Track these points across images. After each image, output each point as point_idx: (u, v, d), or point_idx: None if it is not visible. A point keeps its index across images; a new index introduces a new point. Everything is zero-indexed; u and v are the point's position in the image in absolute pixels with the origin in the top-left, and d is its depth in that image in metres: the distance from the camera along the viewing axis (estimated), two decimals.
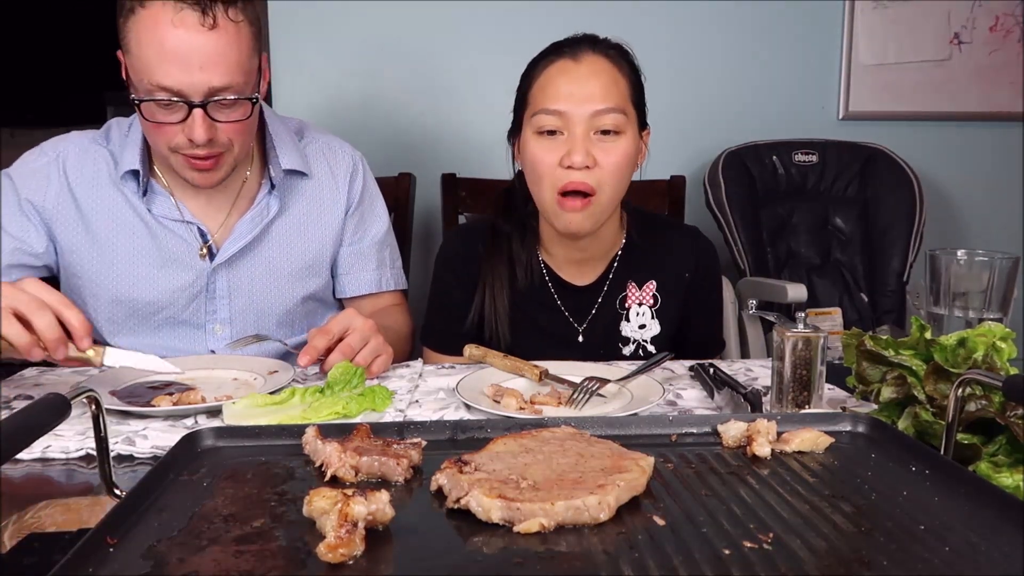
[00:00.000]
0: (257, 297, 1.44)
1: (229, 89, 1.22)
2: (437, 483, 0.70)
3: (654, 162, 1.53)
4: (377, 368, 1.23)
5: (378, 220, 1.56)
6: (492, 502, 0.64)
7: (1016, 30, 2.53)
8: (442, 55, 2.39)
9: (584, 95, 1.27)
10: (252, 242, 1.42)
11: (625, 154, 1.30)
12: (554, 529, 0.63)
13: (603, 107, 1.27)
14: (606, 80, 1.29)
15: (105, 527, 0.61)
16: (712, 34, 2.46)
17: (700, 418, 0.88)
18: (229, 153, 1.29)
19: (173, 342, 1.43)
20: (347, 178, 1.50)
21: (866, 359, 0.97)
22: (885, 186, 2.35)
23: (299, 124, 1.53)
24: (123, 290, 1.39)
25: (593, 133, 1.28)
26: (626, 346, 1.45)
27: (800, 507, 0.68)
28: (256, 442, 0.82)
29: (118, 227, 1.38)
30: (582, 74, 1.29)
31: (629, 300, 1.44)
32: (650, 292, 1.44)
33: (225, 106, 1.23)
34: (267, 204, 1.43)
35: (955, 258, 1.16)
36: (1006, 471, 0.79)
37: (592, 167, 1.28)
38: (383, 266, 1.56)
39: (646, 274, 1.45)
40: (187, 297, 1.41)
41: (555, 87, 1.29)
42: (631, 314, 1.43)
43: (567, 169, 1.28)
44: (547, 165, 1.30)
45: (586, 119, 1.27)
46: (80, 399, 0.69)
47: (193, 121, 1.21)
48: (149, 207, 1.38)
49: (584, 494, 0.65)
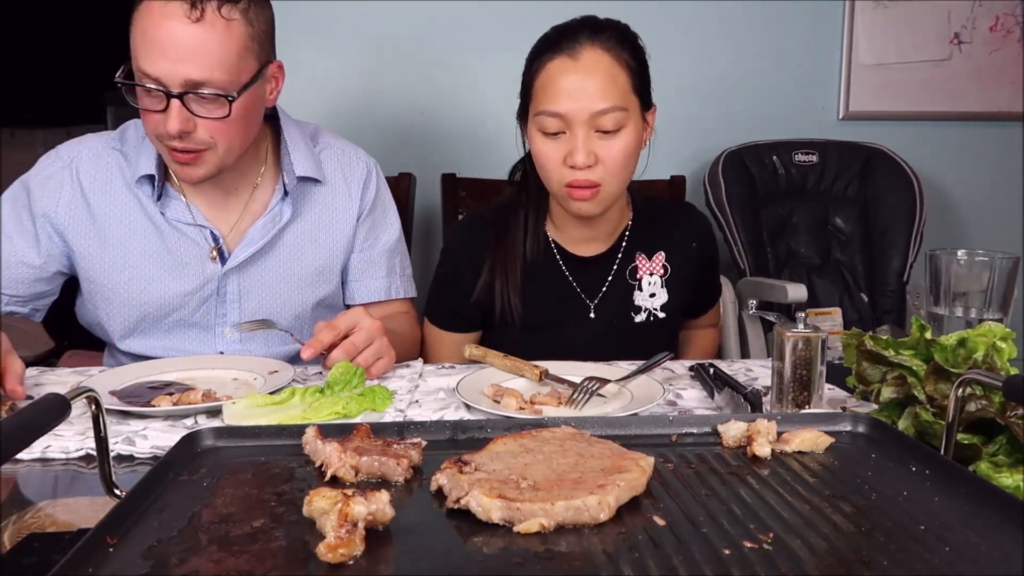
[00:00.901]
0: (267, 301, 1.43)
1: (207, 84, 1.21)
2: (437, 483, 0.70)
3: (654, 162, 1.53)
4: (377, 371, 1.23)
5: (390, 228, 1.56)
6: (492, 502, 0.64)
7: (1016, 30, 2.53)
8: (442, 55, 2.39)
9: (583, 95, 1.28)
10: (264, 247, 1.41)
11: (627, 147, 1.32)
12: (554, 529, 0.63)
13: (602, 107, 1.28)
14: (604, 78, 1.29)
15: (105, 527, 0.61)
16: (712, 34, 2.46)
17: (700, 418, 0.88)
18: (212, 152, 1.27)
19: (182, 344, 1.43)
20: (360, 185, 1.50)
21: (866, 359, 0.97)
22: (885, 186, 2.35)
23: (315, 129, 1.52)
24: (134, 293, 1.39)
25: (594, 131, 1.30)
26: (638, 315, 1.47)
27: (800, 507, 0.68)
28: (256, 442, 0.82)
29: (130, 231, 1.38)
30: (581, 73, 1.29)
31: (640, 271, 1.47)
32: (660, 262, 1.48)
33: (204, 101, 1.23)
34: (280, 211, 1.42)
35: (955, 258, 1.15)
36: (1006, 471, 0.79)
37: (595, 165, 1.30)
38: (393, 274, 1.56)
39: (655, 246, 1.49)
40: (198, 300, 1.41)
41: (555, 88, 1.30)
42: (643, 283, 1.47)
43: (571, 168, 1.30)
44: (553, 162, 1.33)
45: (586, 120, 1.28)
46: (80, 399, 0.69)
47: (169, 111, 1.22)
48: (163, 211, 1.38)
49: (584, 494, 0.65)
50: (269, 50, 1.32)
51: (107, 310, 1.41)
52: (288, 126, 1.44)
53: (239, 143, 1.30)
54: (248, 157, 1.39)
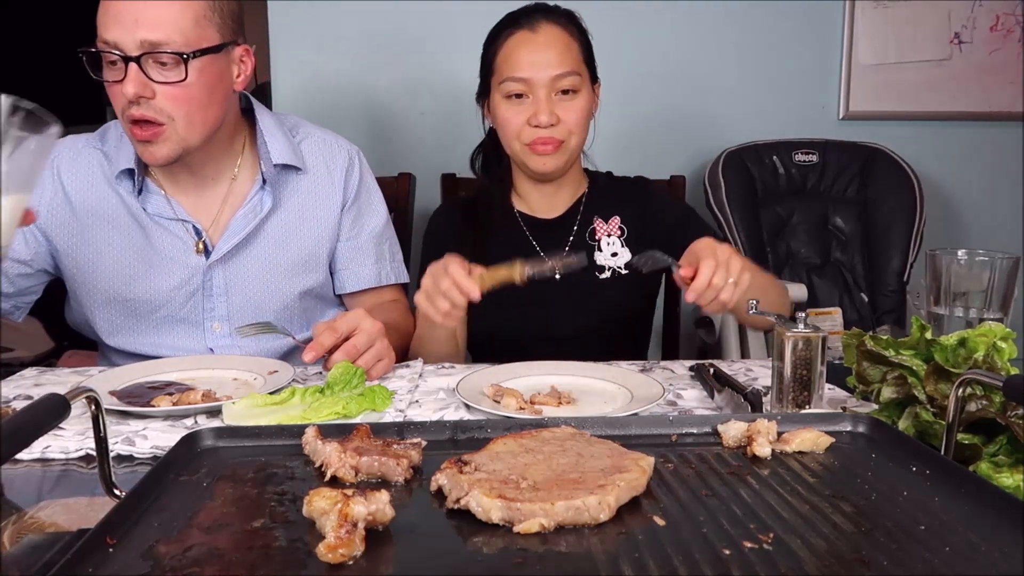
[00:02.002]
0: (254, 293, 1.44)
1: (163, 45, 1.23)
2: (437, 483, 0.70)
3: (654, 162, 1.53)
4: (377, 372, 1.23)
5: (376, 214, 1.56)
6: (492, 502, 0.64)
7: (1016, 30, 2.53)
8: (442, 55, 2.39)
9: (544, 62, 1.44)
10: (247, 238, 1.42)
11: (583, 108, 1.48)
12: (554, 529, 0.63)
13: (561, 71, 1.44)
14: (561, 47, 1.46)
15: (105, 527, 0.61)
16: (712, 34, 2.46)
17: (700, 418, 0.88)
18: (171, 127, 1.27)
19: (172, 340, 1.43)
20: (343, 173, 1.51)
21: (866, 359, 0.97)
22: (885, 186, 2.35)
23: (295, 121, 1.53)
24: (119, 289, 1.40)
25: (554, 94, 1.45)
26: (602, 273, 1.57)
27: (800, 507, 0.68)
28: (256, 442, 0.82)
29: (112, 227, 1.39)
30: (540, 43, 1.45)
31: (598, 233, 1.59)
32: (616, 224, 1.59)
33: (162, 68, 1.24)
34: (260, 200, 1.43)
35: (955, 258, 1.15)
36: (1006, 471, 0.79)
37: (556, 124, 1.45)
38: (382, 260, 1.56)
39: (609, 211, 1.61)
40: (184, 295, 1.41)
41: (517, 56, 1.45)
42: (603, 244, 1.58)
43: (535, 128, 1.45)
44: (516, 125, 1.47)
45: (547, 83, 1.44)
46: (80, 399, 0.69)
47: (127, 76, 1.23)
48: (144, 206, 1.39)
49: (584, 494, 0.65)
50: (235, 30, 1.34)
51: (92, 308, 1.41)
52: (263, 116, 1.45)
53: (200, 120, 1.30)
54: (223, 148, 1.40)
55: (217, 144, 1.38)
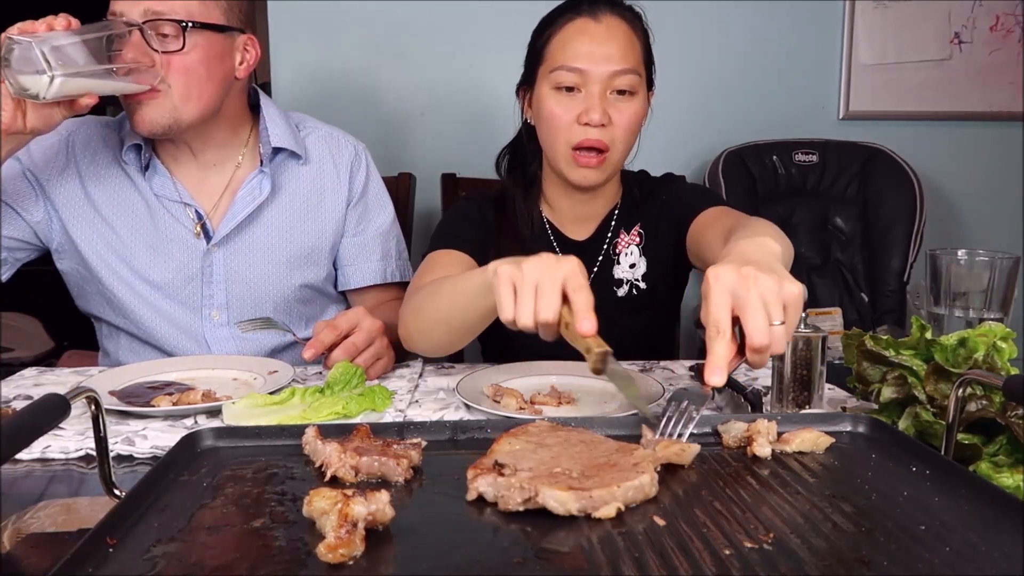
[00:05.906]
0: (254, 283, 1.44)
1: (165, 13, 1.26)
2: (477, 491, 0.69)
3: (654, 162, 1.53)
4: (376, 372, 1.23)
5: (383, 211, 1.57)
6: (567, 495, 0.65)
7: (1016, 30, 2.53)
8: (443, 55, 2.39)
9: (603, 55, 1.30)
10: (248, 224, 1.43)
11: (637, 113, 1.34)
12: (552, 529, 0.63)
13: (621, 68, 1.30)
14: (624, 41, 1.32)
15: (105, 527, 0.61)
16: (712, 34, 2.46)
17: (700, 418, 0.87)
18: (167, 94, 1.28)
19: (171, 327, 1.43)
20: (348, 167, 1.51)
21: (866, 359, 0.97)
22: (885, 186, 2.35)
23: (301, 117, 1.55)
24: (120, 267, 1.41)
25: (609, 92, 1.31)
26: (620, 288, 1.46)
27: (800, 507, 0.68)
28: (256, 442, 0.82)
29: (119, 205, 1.41)
30: (602, 34, 1.31)
31: (619, 246, 1.48)
32: (636, 232, 1.48)
33: (163, 39, 1.26)
34: (259, 183, 1.43)
35: (955, 258, 1.16)
36: (1006, 471, 0.79)
37: (607, 125, 1.31)
38: (388, 257, 1.56)
39: (633, 221, 1.49)
40: (183, 278, 1.42)
41: (575, 45, 1.31)
42: (621, 257, 1.47)
43: (584, 126, 1.31)
44: (564, 121, 1.32)
45: (604, 79, 1.30)
46: (80, 399, 0.69)
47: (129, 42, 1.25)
48: (150, 185, 1.41)
49: (634, 475, 0.68)
50: (242, 20, 1.36)
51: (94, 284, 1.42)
52: (268, 105, 1.47)
53: (196, 94, 1.31)
54: (226, 134, 1.42)
55: (218, 129, 1.40)
